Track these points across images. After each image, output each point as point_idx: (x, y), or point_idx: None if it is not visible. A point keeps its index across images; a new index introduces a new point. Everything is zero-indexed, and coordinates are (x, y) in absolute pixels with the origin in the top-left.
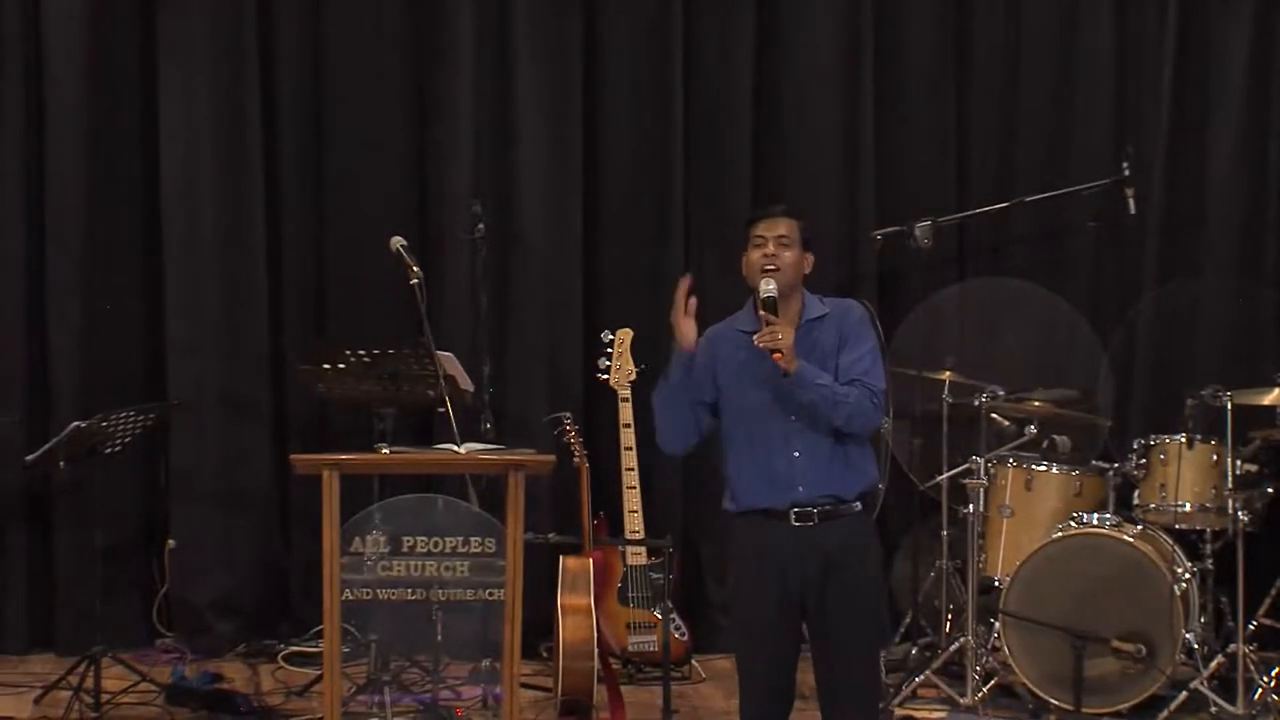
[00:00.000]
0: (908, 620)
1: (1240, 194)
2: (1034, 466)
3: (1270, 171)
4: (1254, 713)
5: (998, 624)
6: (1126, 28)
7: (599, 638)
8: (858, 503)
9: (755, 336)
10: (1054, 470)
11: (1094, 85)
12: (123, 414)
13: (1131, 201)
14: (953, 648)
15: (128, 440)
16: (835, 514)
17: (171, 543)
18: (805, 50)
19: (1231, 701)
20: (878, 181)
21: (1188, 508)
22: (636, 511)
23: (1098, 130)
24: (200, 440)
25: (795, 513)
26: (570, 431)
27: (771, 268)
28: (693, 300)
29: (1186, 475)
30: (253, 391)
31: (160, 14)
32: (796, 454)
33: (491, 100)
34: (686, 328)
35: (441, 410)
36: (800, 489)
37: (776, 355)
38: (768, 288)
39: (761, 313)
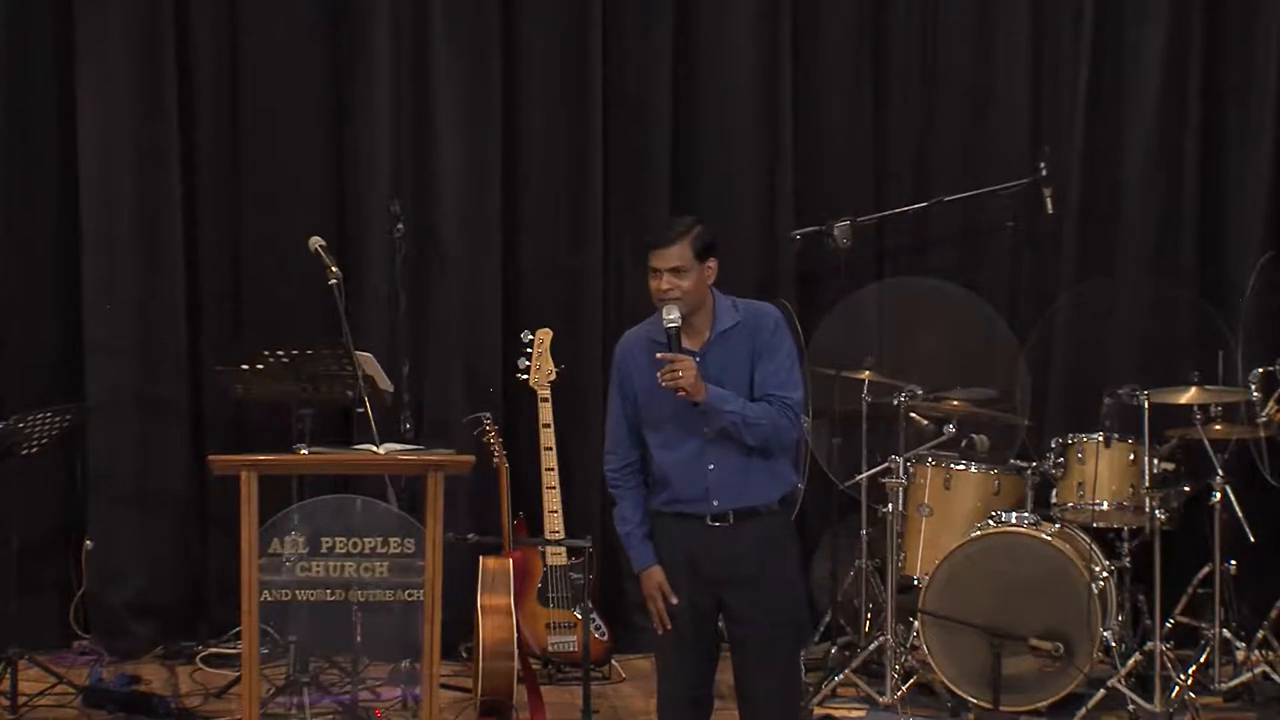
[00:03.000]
0: (827, 619)
1: (1156, 193)
2: (952, 466)
3: (1186, 171)
4: (1171, 710)
5: (917, 623)
6: (1043, 29)
7: (519, 638)
8: (775, 503)
9: (659, 374)
10: (972, 469)
11: (1011, 86)
12: (39, 415)
13: (1049, 201)
14: (872, 647)
15: (44, 442)
16: (752, 513)
17: (89, 544)
18: (723, 51)
19: (1148, 699)
20: (796, 182)
21: (1105, 506)
22: (556, 512)
23: (1015, 131)
24: (117, 441)
25: (711, 516)
26: (490, 432)
27: (672, 297)
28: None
29: (1104, 474)
30: (170, 392)
31: (78, 14)
32: (711, 467)
33: (410, 101)
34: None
35: (360, 410)
36: (715, 502)
37: (680, 394)
38: (670, 317)
39: (659, 355)
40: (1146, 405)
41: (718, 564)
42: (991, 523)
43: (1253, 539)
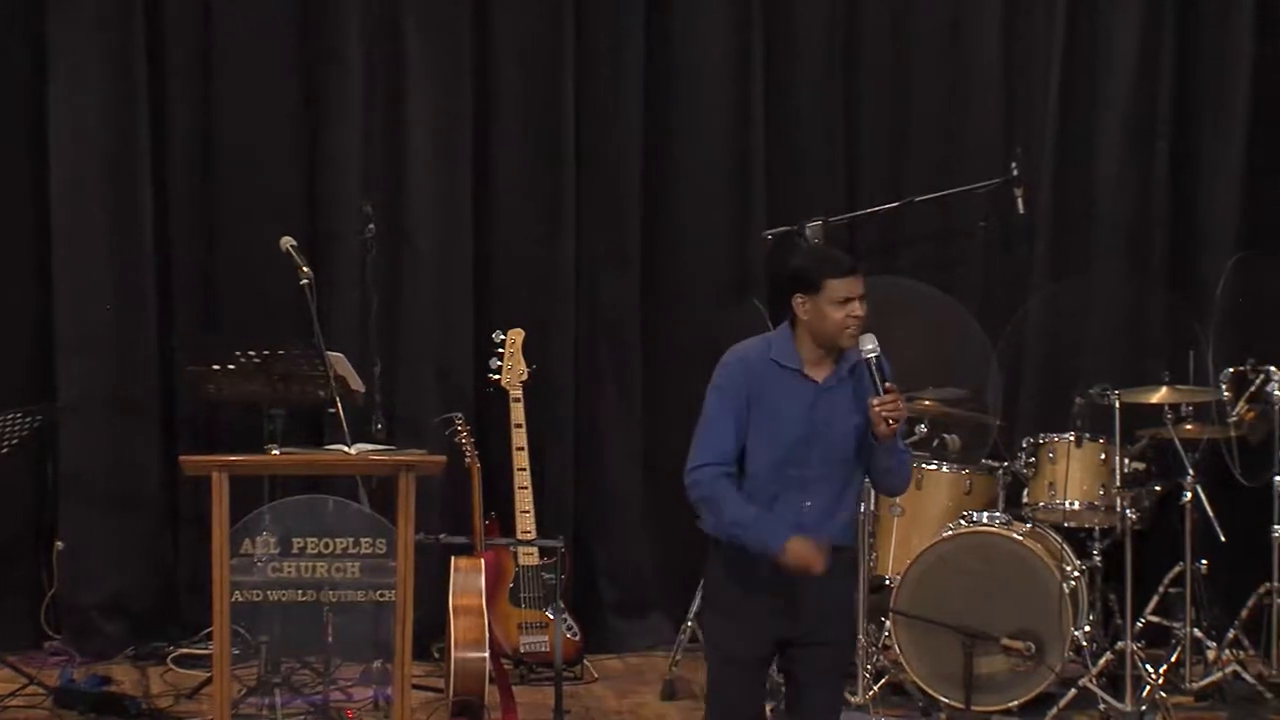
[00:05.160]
0: None
1: (1128, 193)
2: (924, 465)
3: (1157, 171)
4: (1142, 709)
5: (889, 622)
6: (1015, 28)
7: (491, 638)
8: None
9: (877, 403)
10: (944, 469)
11: (983, 86)
12: (10, 415)
13: (1020, 201)
14: None
15: (14, 442)
16: (832, 551)
17: (60, 544)
18: (696, 49)
19: (1120, 698)
20: (768, 181)
21: (1076, 506)
22: (528, 512)
23: (987, 131)
24: (89, 441)
25: None
26: (462, 432)
27: (858, 328)
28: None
29: (1075, 474)
30: (142, 392)
31: (50, 14)
32: (809, 504)
33: (381, 101)
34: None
35: (332, 411)
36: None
37: (893, 427)
38: (869, 347)
39: (887, 384)
40: (1117, 405)
41: (794, 603)
42: (963, 522)
43: (1223, 538)
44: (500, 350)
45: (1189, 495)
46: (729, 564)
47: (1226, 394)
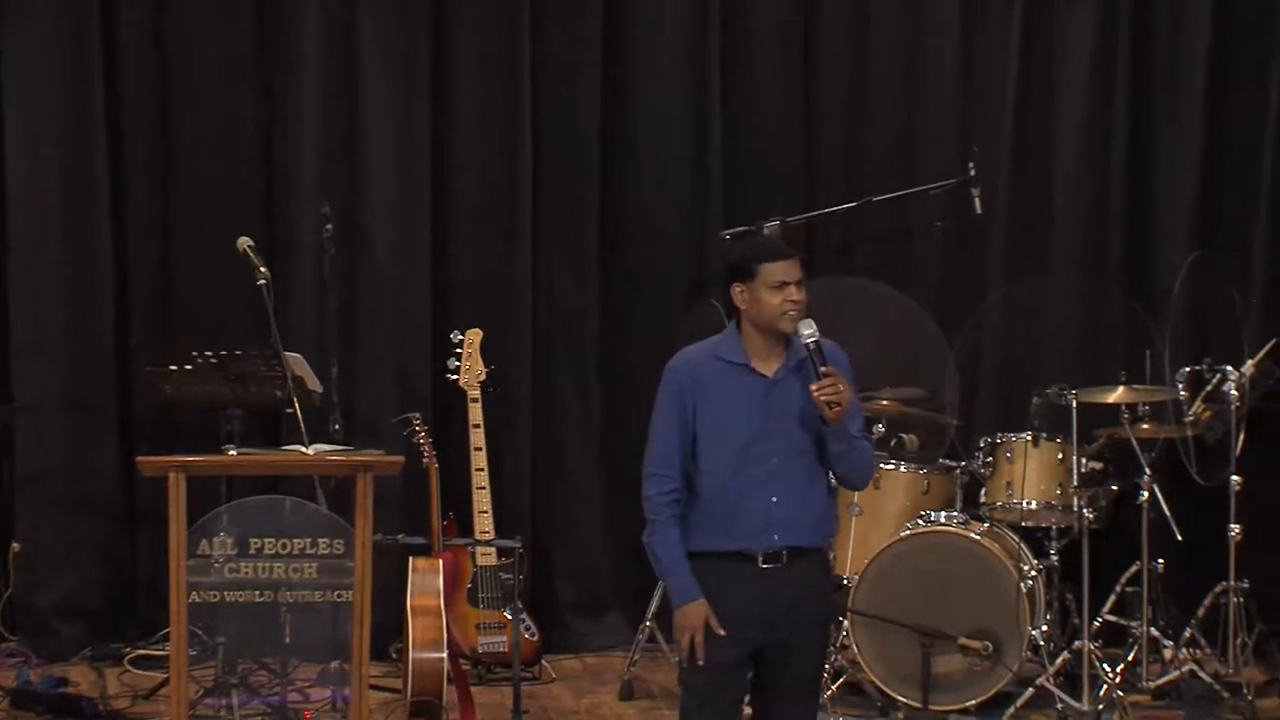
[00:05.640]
0: None
1: (1085, 192)
2: (882, 465)
3: (1114, 171)
4: (1099, 708)
5: (846, 622)
6: (972, 27)
7: (449, 639)
8: (823, 545)
9: (814, 387)
10: (902, 469)
11: (940, 86)
12: None
13: (978, 201)
14: None
15: None
16: (803, 553)
17: (16, 545)
18: (653, 49)
19: (1077, 698)
20: (725, 182)
21: (1034, 505)
22: (486, 512)
23: (944, 131)
24: (45, 442)
25: (765, 555)
26: (420, 432)
27: (796, 312)
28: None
29: (1032, 473)
30: (99, 393)
31: (4, 19)
32: (775, 499)
33: (339, 101)
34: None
35: (289, 411)
36: (776, 536)
37: (837, 410)
38: (807, 332)
39: (824, 368)
40: (1074, 405)
41: (768, 609)
42: (921, 522)
43: (1180, 538)
44: (458, 350)
45: (1146, 495)
46: (703, 571)
47: (1183, 394)
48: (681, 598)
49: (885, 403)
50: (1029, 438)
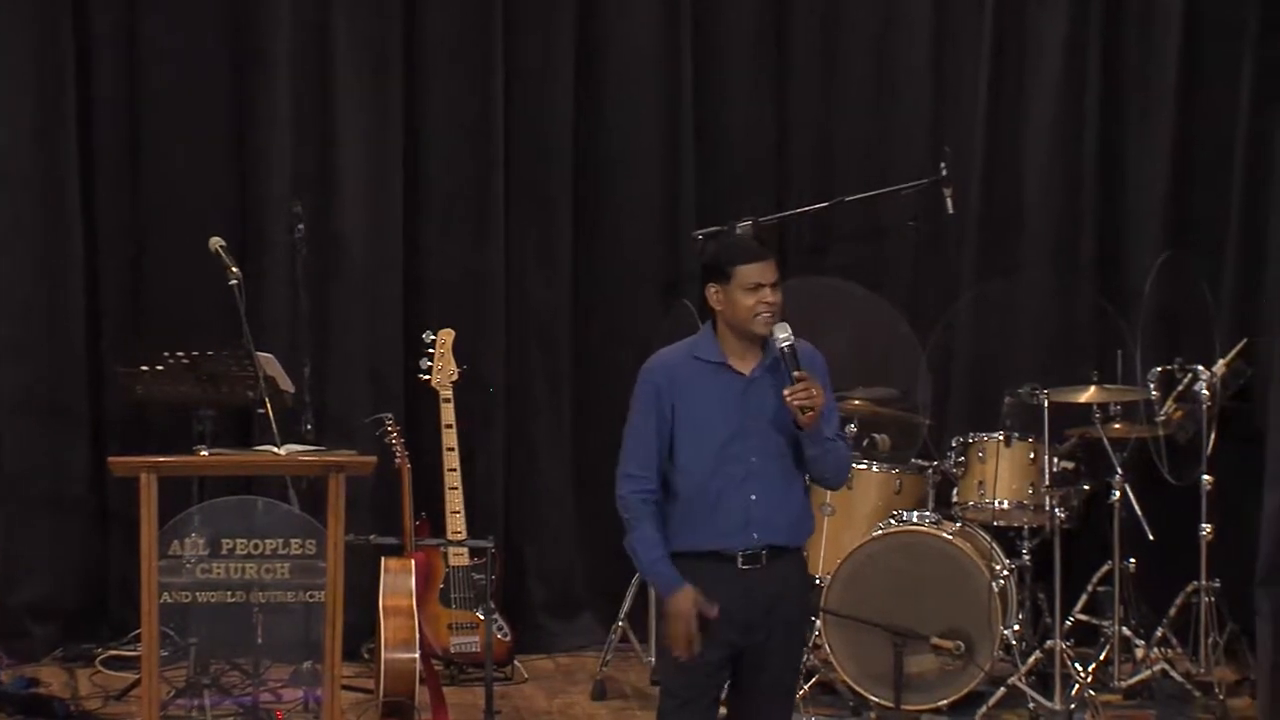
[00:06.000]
0: None
1: (1056, 193)
2: (855, 465)
3: (1085, 171)
4: (1071, 707)
5: (819, 622)
6: (943, 26)
7: (421, 639)
8: (803, 544)
9: (788, 393)
10: (874, 469)
11: (912, 86)
12: None
13: (949, 201)
14: None
15: None
16: (783, 552)
17: None
18: (626, 49)
19: (1049, 697)
20: (698, 182)
21: (1005, 505)
22: (459, 512)
23: (916, 130)
24: (17, 443)
25: (744, 555)
26: (392, 432)
27: (771, 314)
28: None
29: (1004, 473)
30: (70, 394)
31: None
32: (753, 497)
33: (310, 100)
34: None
35: (261, 411)
36: (755, 535)
37: (810, 415)
38: (782, 335)
39: (796, 373)
40: (1046, 404)
41: (747, 609)
42: (893, 522)
43: (1151, 537)
44: (430, 350)
45: (1117, 494)
46: (682, 572)
47: (1154, 393)
48: (669, 588)
49: (858, 402)
50: (1001, 437)
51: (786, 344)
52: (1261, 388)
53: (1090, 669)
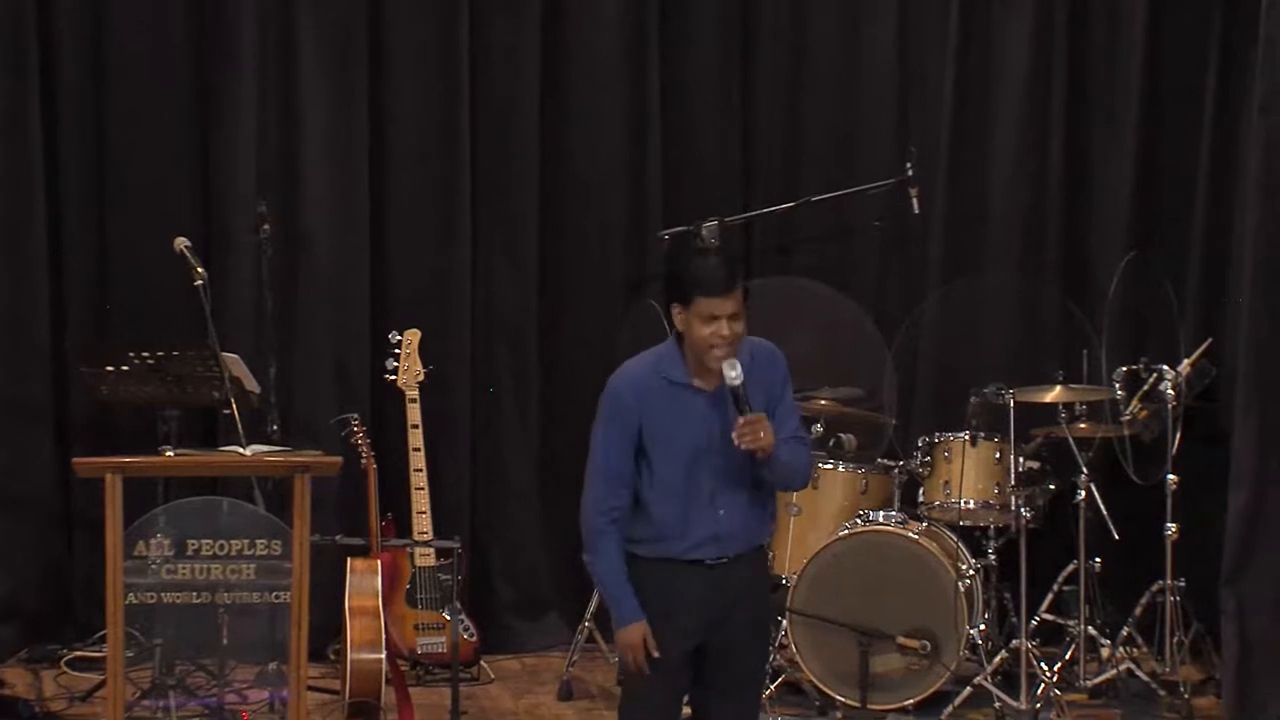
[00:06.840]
0: None
1: (1022, 193)
2: (820, 465)
3: (1051, 171)
4: (1036, 707)
5: (785, 622)
6: (909, 27)
7: (387, 639)
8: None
9: (735, 436)
10: (840, 468)
11: (878, 86)
12: None
13: (915, 201)
14: None
15: None
16: (744, 553)
17: None
18: (591, 50)
19: (1015, 696)
20: (664, 181)
21: (971, 505)
22: (425, 513)
23: (882, 130)
24: None
25: (712, 559)
26: (358, 432)
27: (724, 350)
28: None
29: (970, 473)
30: (34, 394)
31: None
32: (722, 511)
33: (275, 99)
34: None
35: (227, 412)
36: (723, 547)
37: (760, 455)
38: (733, 374)
39: (741, 419)
40: (1012, 404)
41: (711, 606)
42: (859, 521)
43: (1117, 537)
44: (397, 350)
45: (1083, 494)
46: (648, 572)
47: (1120, 393)
48: (624, 620)
49: (823, 402)
50: (967, 437)
51: (737, 382)
52: (1226, 387)
53: (1056, 668)
